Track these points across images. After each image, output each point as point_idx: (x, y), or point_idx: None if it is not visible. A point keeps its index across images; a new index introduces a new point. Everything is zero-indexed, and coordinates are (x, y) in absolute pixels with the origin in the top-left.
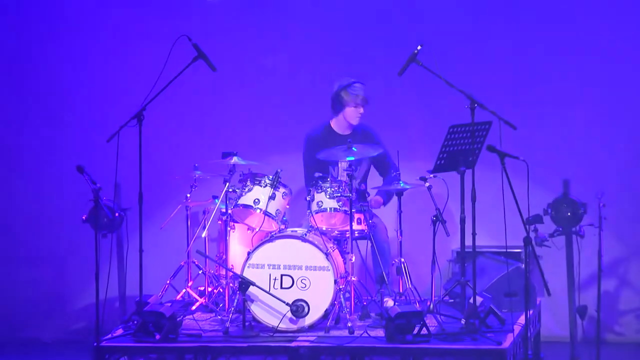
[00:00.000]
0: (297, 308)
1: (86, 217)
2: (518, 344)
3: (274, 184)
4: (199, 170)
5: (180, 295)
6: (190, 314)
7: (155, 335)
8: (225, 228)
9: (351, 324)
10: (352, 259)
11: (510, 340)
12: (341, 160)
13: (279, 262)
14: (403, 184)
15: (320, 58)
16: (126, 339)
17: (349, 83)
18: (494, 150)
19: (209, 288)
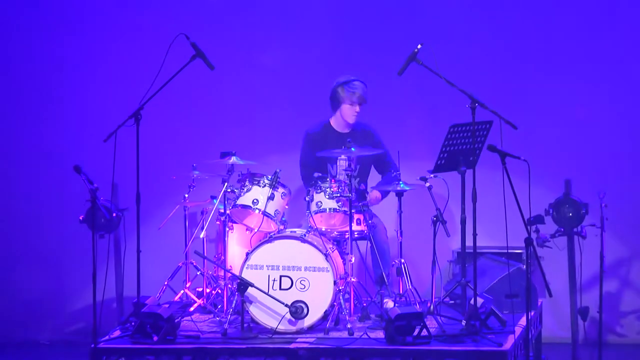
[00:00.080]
0: (296, 309)
1: (83, 217)
2: (519, 346)
3: (272, 184)
4: (197, 170)
5: (178, 297)
6: (189, 315)
7: (153, 337)
8: (224, 228)
9: (351, 325)
10: (352, 260)
11: (511, 341)
12: (339, 158)
13: (277, 263)
14: (403, 185)
15: (319, 57)
16: (124, 340)
17: (347, 80)
18: (494, 150)
19: (207, 289)
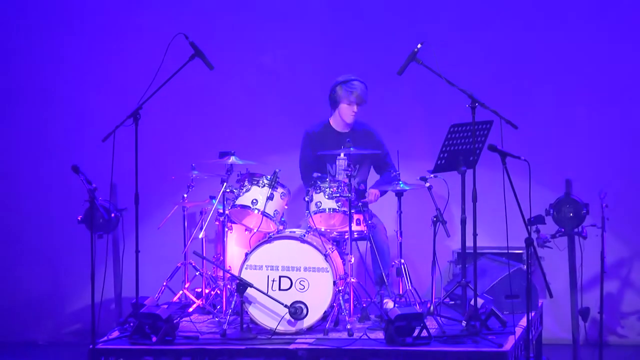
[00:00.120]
0: (296, 310)
1: (82, 217)
2: (520, 347)
3: (272, 184)
4: (196, 170)
5: (177, 297)
6: (187, 316)
7: (151, 338)
8: (223, 229)
9: (350, 326)
10: (352, 260)
11: (511, 342)
12: (338, 158)
13: (277, 263)
14: (403, 185)
15: (319, 56)
16: (122, 341)
17: (346, 79)
18: (495, 150)
19: (206, 290)
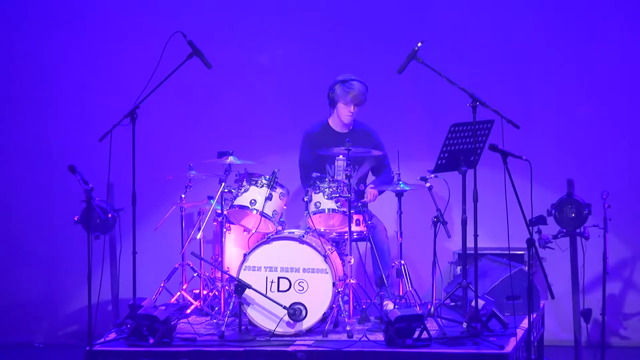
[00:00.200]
0: (295, 311)
1: (78, 218)
2: (521, 348)
3: (270, 184)
4: (193, 170)
5: (174, 299)
6: (185, 318)
7: (149, 339)
8: (221, 229)
9: (350, 327)
10: (351, 261)
11: (513, 344)
12: (337, 158)
13: (276, 264)
14: (403, 185)
15: (318, 55)
16: (119, 343)
17: (345, 79)
18: (496, 150)
19: (204, 291)
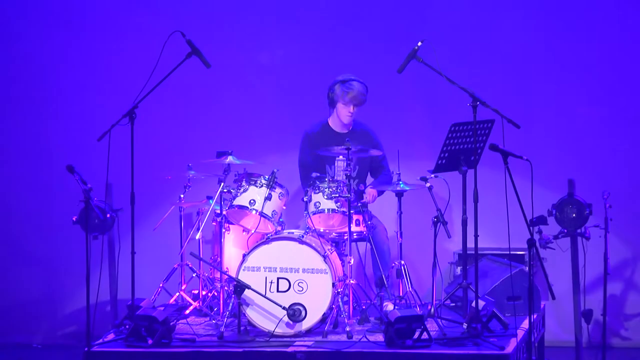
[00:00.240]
0: (294, 312)
1: (77, 218)
2: (521, 349)
3: (270, 184)
4: (192, 170)
5: (173, 299)
6: (184, 318)
7: (147, 340)
8: (220, 229)
9: (350, 328)
10: (351, 262)
11: (513, 345)
12: (337, 158)
13: (275, 264)
14: (403, 185)
15: (318, 55)
16: (118, 344)
17: (345, 79)
18: (496, 150)
19: (203, 291)
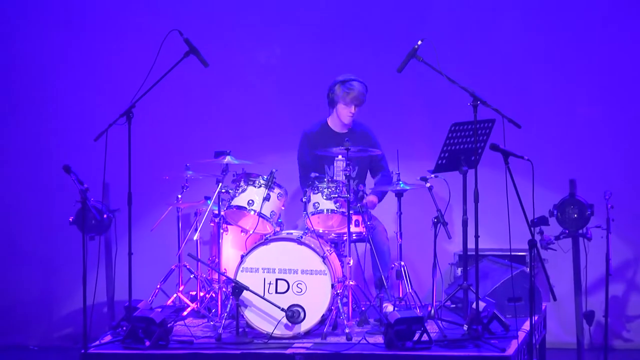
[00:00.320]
0: (293, 314)
1: (73, 218)
2: (523, 351)
3: (268, 185)
4: (190, 170)
5: (171, 300)
6: (182, 320)
7: (145, 342)
8: (218, 230)
9: (349, 330)
10: (350, 263)
11: (514, 347)
12: (336, 159)
13: (273, 265)
14: (403, 185)
15: (317, 54)
16: (115, 345)
17: (345, 79)
18: (497, 149)
19: (201, 293)
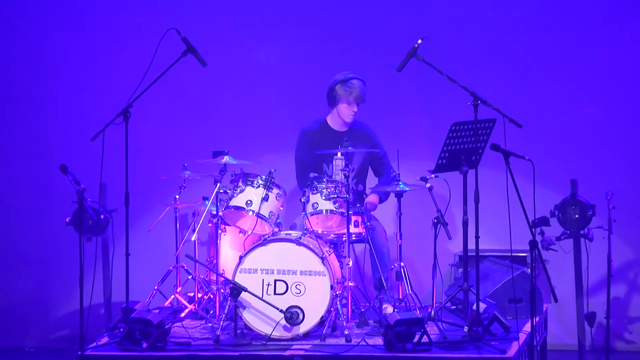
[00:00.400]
0: (292, 315)
1: (70, 219)
2: (524, 353)
3: (267, 185)
4: (188, 170)
5: (168, 302)
6: (179, 321)
7: (142, 344)
8: (216, 231)
9: (348, 331)
10: (349, 264)
11: (515, 348)
12: (336, 157)
13: (272, 266)
14: (403, 185)
15: (316, 53)
16: (112, 347)
17: (346, 78)
18: (498, 149)
19: (198, 294)
